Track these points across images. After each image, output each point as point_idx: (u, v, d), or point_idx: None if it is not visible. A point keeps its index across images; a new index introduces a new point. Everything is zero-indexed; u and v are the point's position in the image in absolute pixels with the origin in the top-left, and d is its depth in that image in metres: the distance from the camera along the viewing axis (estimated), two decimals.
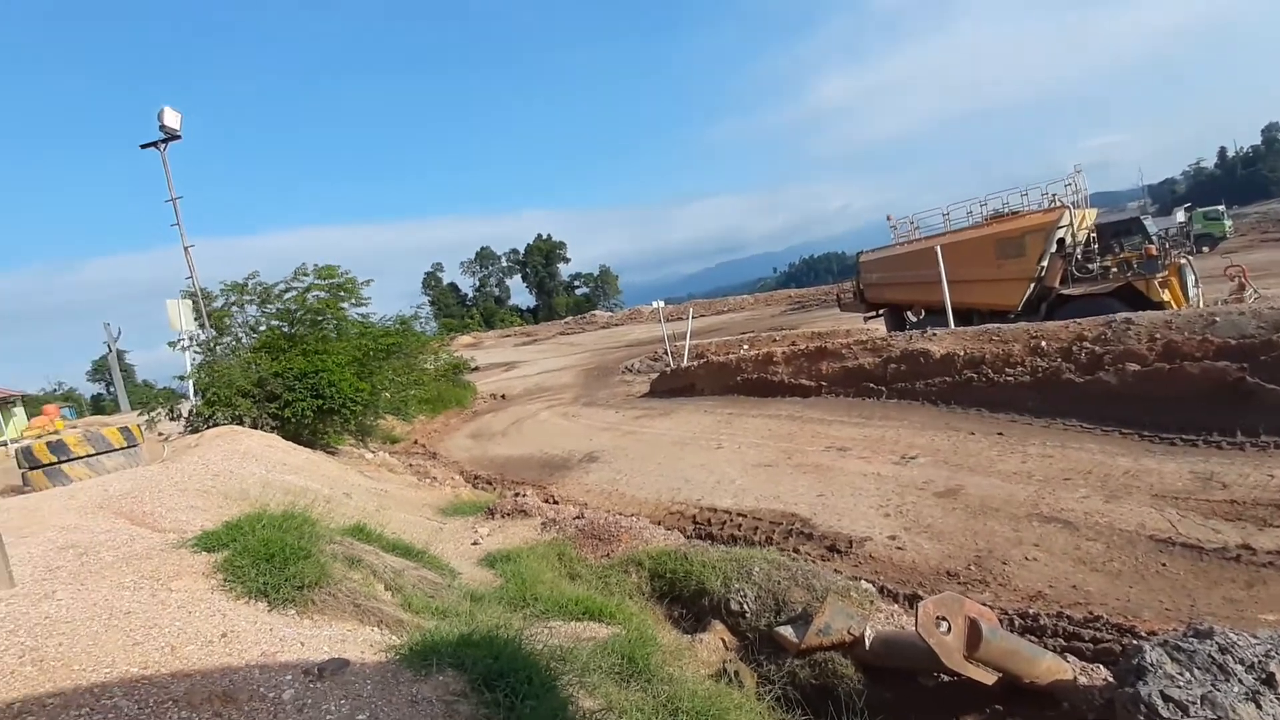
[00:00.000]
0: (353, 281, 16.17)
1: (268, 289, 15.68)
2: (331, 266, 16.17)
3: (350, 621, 3.98)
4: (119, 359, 44.67)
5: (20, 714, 2.30)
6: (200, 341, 15.34)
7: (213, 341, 15.37)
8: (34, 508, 6.10)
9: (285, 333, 15.20)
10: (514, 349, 51.59)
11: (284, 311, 15.53)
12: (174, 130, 16.61)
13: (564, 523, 7.98)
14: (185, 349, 15.33)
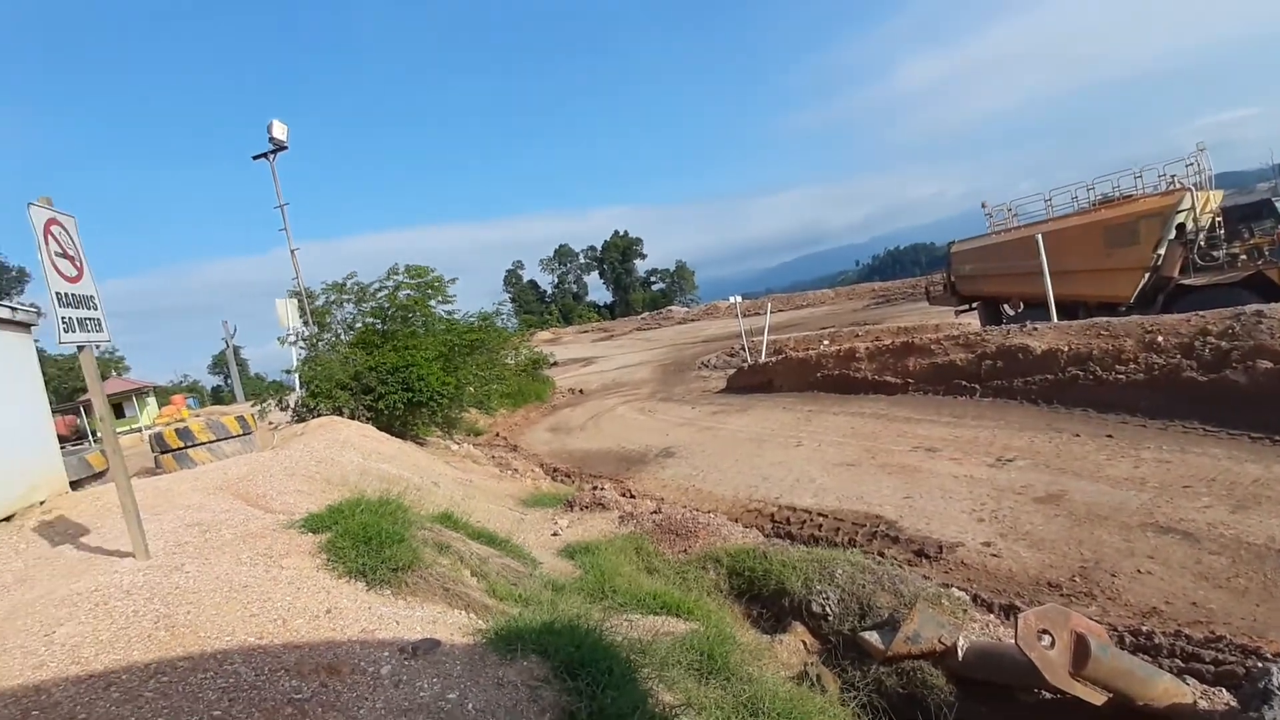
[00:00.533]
0: (440, 280, 16.92)
1: (363, 288, 16.67)
2: (421, 266, 17.00)
3: (440, 604, 4.15)
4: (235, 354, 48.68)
5: (155, 674, 2.54)
6: (304, 337, 16.53)
7: (315, 338, 16.51)
8: (165, 488, 6.72)
9: (379, 329, 16.10)
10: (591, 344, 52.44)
11: (378, 309, 16.46)
12: (281, 141, 17.95)
13: (641, 517, 8.02)
14: (292, 344, 16.57)
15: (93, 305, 4.29)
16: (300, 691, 2.46)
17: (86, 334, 4.13)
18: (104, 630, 2.96)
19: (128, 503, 4.17)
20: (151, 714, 2.25)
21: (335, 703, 2.43)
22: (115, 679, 2.50)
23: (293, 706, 2.36)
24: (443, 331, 16.41)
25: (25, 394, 7.23)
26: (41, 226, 4.02)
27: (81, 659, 2.69)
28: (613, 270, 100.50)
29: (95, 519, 5.79)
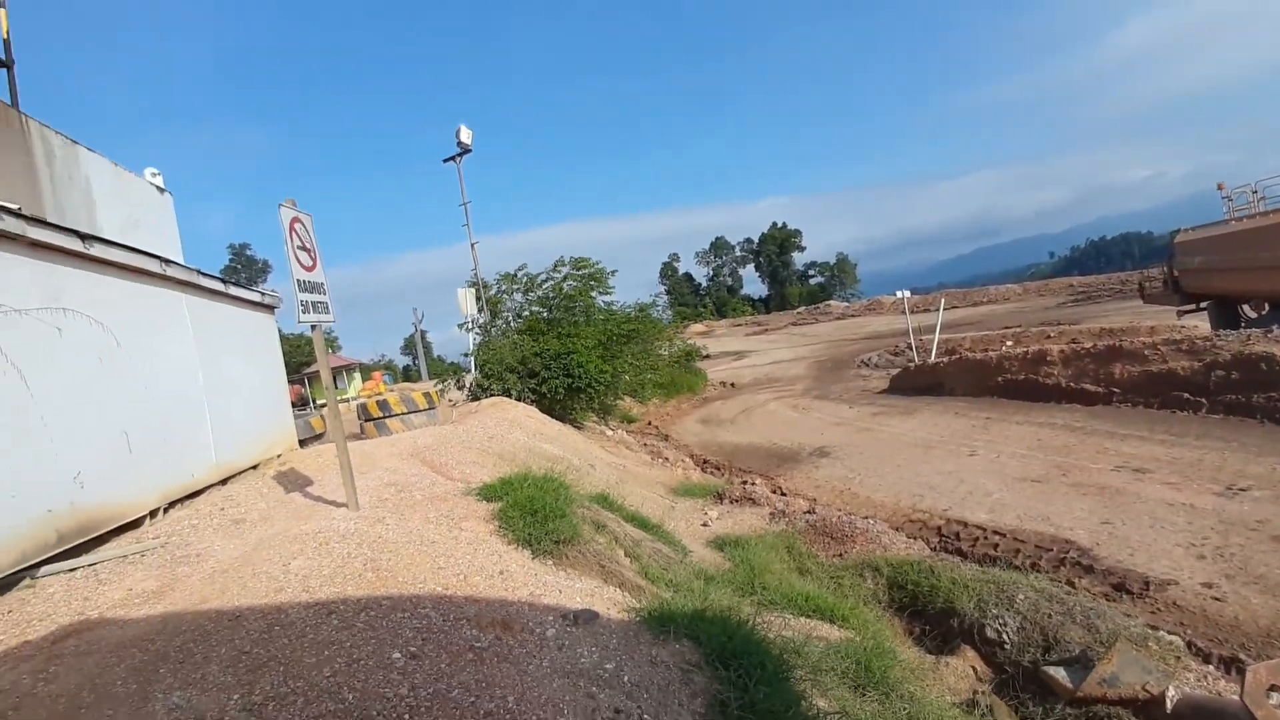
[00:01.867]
0: (602, 272, 17.70)
1: (532, 278, 17.92)
2: (584, 259, 17.91)
3: (596, 579, 4.35)
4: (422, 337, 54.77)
5: (365, 608, 2.94)
6: (480, 324, 18.14)
7: (488, 324, 18.05)
8: (368, 452, 7.71)
9: (544, 317, 17.23)
10: (744, 338, 51.84)
11: (544, 298, 17.63)
12: (467, 145, 19.72)
13: (793, 516, 7.81)
14: (469, 330, 18.26)
15: (323, 291, 5.03)
16: (479, 641, 2.71)
17: (318, 315, 4.86)
18: (326, 566, 3.47)
19: (345, 461, 4.85)
20: (363, 641, 2.61)
21: (508, 655, 2.65)
22: (335, 608, 2.93)
23: (473, 653, 2.61)
24: (602, 321, 17.15)
25: (271, 366, 8.69)
26: (287, 223, 4.78)
27: (310, 588, 3.19)
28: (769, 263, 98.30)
29: (316, 473, 6.80)
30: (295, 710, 2.18)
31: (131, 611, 3.23)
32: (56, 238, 4.73)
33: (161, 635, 2.80)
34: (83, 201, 6.94)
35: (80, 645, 2.84)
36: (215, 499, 6.07)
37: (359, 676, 2.38)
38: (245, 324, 7.99)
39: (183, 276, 6.50)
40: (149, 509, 5.32)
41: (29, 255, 4.48)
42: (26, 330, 4.29)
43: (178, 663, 2.53)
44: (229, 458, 6.87)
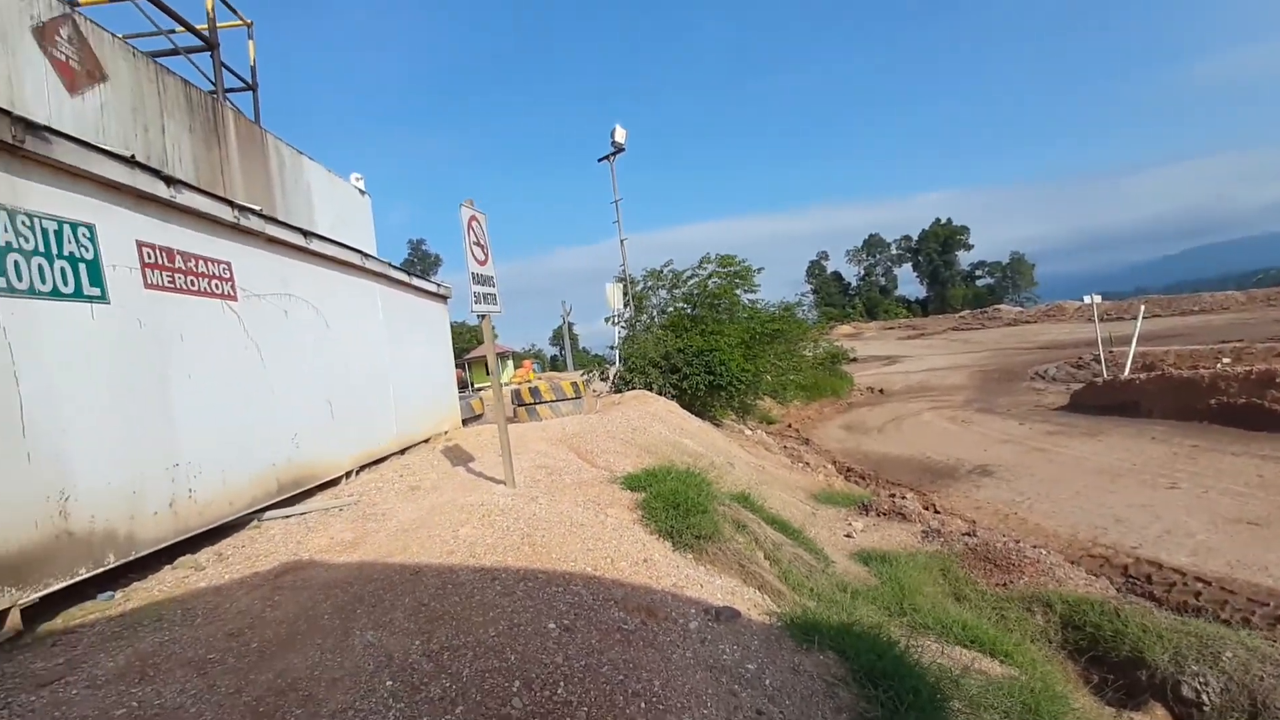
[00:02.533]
0: (747, 269, 17.50)
1: (677, 275, 18.14)
2: (730, 256, 17.80)
3: (735, 578, 4.33)
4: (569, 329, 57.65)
5: (523, 579, 3.16)
6: (625, 319, 18.70)
7: (634, 319, 18.54)
8: (521, 435, 8.24)
9: (688, 314, 17.37)
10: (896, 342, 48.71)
11: (688, 295, 17.77)
12: (620, 145, 20.38)
13: (950, 537, 7.23)
14: (615, 324, 18.89)
15: (492, 284, 5.46)
16: (626, 624, 2.82)
17: (488, 306, 5.29)
18: (489, 536, 3.78)
19: (505, 443, 5.24)
20: (522, 608, 2.82)
21: (653, 641, 2.72)
22: (497, 575, 3.18)
23: (620, 634, 2.71)
24: (745, 319, 16.96)
25: (443, 350, 9.60)
26: (465, 221, 5.24)
27: (476, 554, 3.49)
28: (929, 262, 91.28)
29: (477, 450, 7.40)
30: (466, 662, 2.41)
31: (334, 557, 3.74)
32: (286, 234, 5.58)
33: (357, 581, 3.22)
34: (304, 203, 8.10)
35: (296, 581, 3.34)
36: (395, 466, 6.84)
37: (519, 640, 2.57)
38: (424, 312, 8.89)
39: (377, 269, 7.38)
40: (345, 470, 6.12)
41: (266, 249, 5.32)
42: (262, 312, 5.11)
43: (371, 606, 2.89)
44: (407, 430, 7.70)
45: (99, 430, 3.48)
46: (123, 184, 3.79)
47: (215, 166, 6.38)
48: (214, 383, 4.43)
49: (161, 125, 5.67)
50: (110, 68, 5.13)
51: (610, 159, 20.58)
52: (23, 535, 2.99)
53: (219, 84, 6.98)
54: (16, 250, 3.14)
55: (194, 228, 4.46)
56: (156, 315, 3.98)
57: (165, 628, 2.88)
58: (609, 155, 20.58)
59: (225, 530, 4.48)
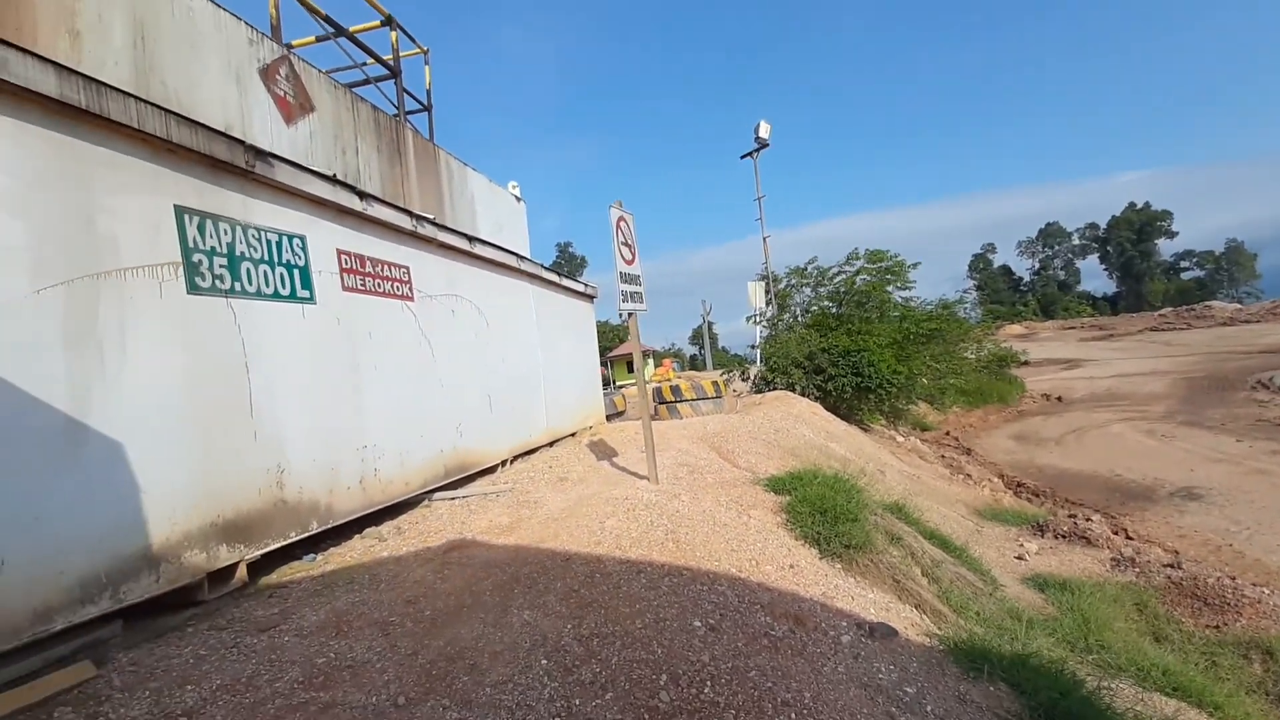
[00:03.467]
0: (900, 265, 16.40)
1: (823, 272, 17.43)
2: (881, 251, 16.78)
3: (889, 593, 4.05)
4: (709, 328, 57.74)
5: (668, 575, 3.18)
6: (767, 317, 18.30)
7: (776, 318, 18.09)
8: (662, 432, 8.33)
9: (834, 313, 16.63)
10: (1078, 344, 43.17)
11: (834, 293, 17.01)
12: (765, 140, 20.00)
13: (1147, 568, 6.26)
14: (756, 323, 18.56)
15: (639, 283, 5.57)
16: (773, 629, 2.73)
17: (635, 305, 5.40)
18: (633, 529, 3.85)
19: (649, 439, 5.33)
20: (667, 604, 2.83)
21: (802, 651, 2.61)
22: (643, 569, 3.23)
23: (768, 640, 2.64)
24: (897, 319, 15.91)
25: (589, 348, 9.99)
26: (614, 221, 5.39)
27: (621, 546, 3.57)
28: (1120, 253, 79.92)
29: (620, 445, 7.60)
30: (614, 650, 2.46)
31: (493, 539, 4.01)
32: (454, 239, 6.09)
33: (514, 562, 3.42)
34: (468, 210, 8.81)
35: (462, 558, 3.62)
36: (545, 457, 7.22)
37: (665, 634, 2.58)
38: (572, 311, 9.30)
39: (531, 270, 7.83)
40: (501, 459, 6.57)
41: (438, 253, 5.84)
42: (433, 311, 5.62)
43: (527, 587, 3.06)
44: (556, 424, 8.10)
45: (306, 413, 4.02)
46: (327, 200, 4.34)
47: (397, 181, 7.13)
48: (394, 375, 4.95)
49: (356, 147, 6.43)
50: (317, 100, 5.91)
51: (754, 155, 20.28)
52: (250, 501, 3.53)
53: (400, 107, 7.80)
54: (248, 259, 3.70)
55: (381, 236, 5.01)
56: (351, 314, 4.52)
57: (356, 590, 3.26)
58: (752, 151, 20.28)
59: (401, 507, 4.99)
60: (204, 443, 3.27)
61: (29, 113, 2.68)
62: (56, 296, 2.68)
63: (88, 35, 3.85)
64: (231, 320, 3.54)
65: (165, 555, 3.00)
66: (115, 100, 2.95)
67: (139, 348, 2.99)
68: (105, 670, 2.45)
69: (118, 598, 2.78)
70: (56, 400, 2.63)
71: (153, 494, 2.96)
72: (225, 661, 2.50)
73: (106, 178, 2.96)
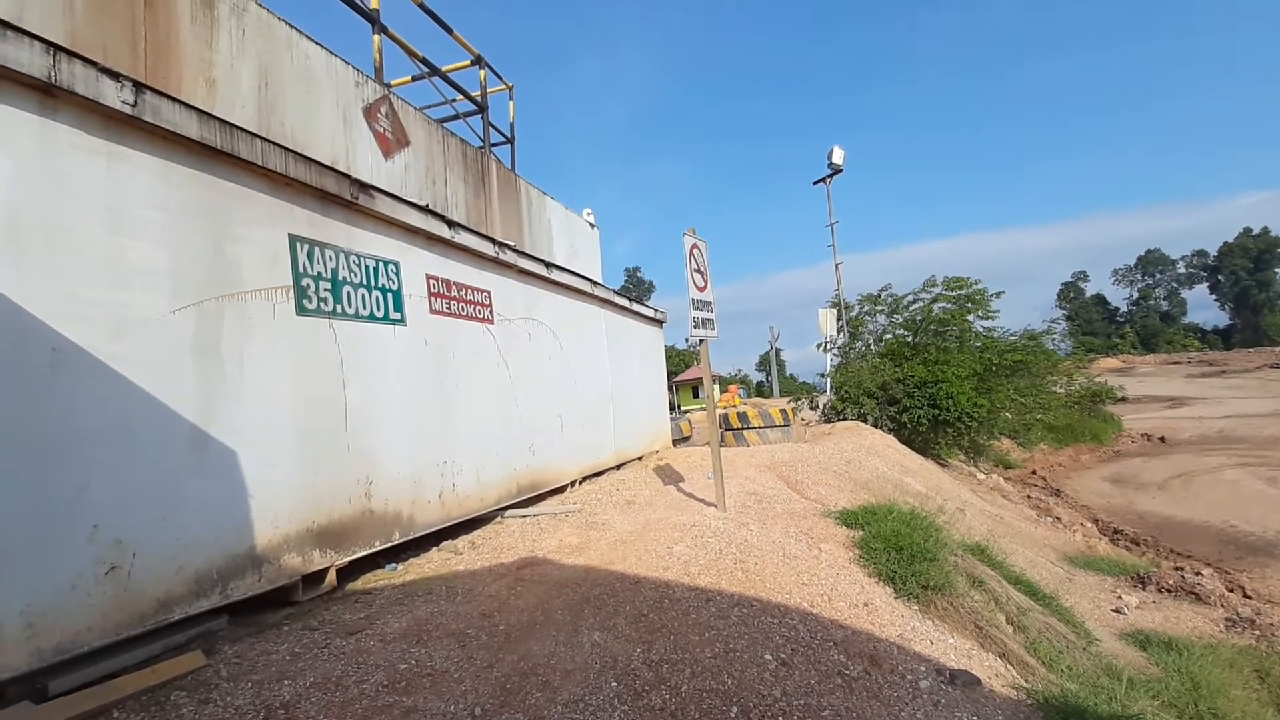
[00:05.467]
0: (982, 293, 15.70)
1: (897, 300, 16.90)
2: (961, 278, 16.12)
3: (970, 639, 3.85)
4: (776, 355, 56.82)
5: (737, 604, 3.16)
6: (839, 345, 17.87)
7: (848, 346, 17.64)
8: (729, 459, 8.25)
9: (909, 342, 16.05)
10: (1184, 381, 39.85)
11: (910, 321, 16.44)
12: (839, 166, 19.77)
13: (1269, 630, 5.67)
14: (827, 351, 18.16)
15: (710, 309, 5.61)
16: (847, 669, 2.66)
17: (707, 331, 5.44)
18: (702, 556, 3.84)
19: (717, 466, 5.32)
20: (737, 634, 2.81)
21: (878, 693, 2.53)
22: (711, 597, 3.22)
23: (841, 679, 2.57)
24: (979, 349, 15.20)
25: (657, 373, 10.07)
26: (687, 248, 5.47)
27: (690, 573, 3.57)
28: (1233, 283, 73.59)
29: (686, 471, 7.58)
30: (684, 678, 2.46)
31: (563, 558, 4.09)
32: (532, 265, 6.33)
33: (584, 583, 3.48)
34: (545, 237, 9.13)
35: (533, 575, 3.71)
36: (613, 480, 7.29)
37: (735, 665, 2.56)
38: (642, 336, 9.43)
39: (603, 295, 8.02)
40: (571, 479, 6.69)
41: (517, 279, 6.09)
42: (512, 334, 5.84)
43: (596, 608, 3.11)
44: (624, 446, 8.18)
45: (394, 428, 4.25)
46: (419, 228, 4.63)
47: (481, 210, 7.50)
48: (474, 394, 5.17)
49: (445, 178, 6.83)
50: (412, 135, 6.33)
51: (827, 181, 20.06)
52: (341, 510, 3.75)
53: (486, 140, 8.23)
54: (348, 283, 3.99)
55: (465, 262, 5.28)
56: (437, 335, 4.77)
57: (434, 600, 3.40)
58: (825, 177, 20.07)
59: (476, 523, 5.16)
60: (304, 453, 3.52)
61: (175, 153, 3.02)
62: (189, 316, 2.98)
63: (221, 83, 4.31)
64: (332, 339, 3.81)
65: (267, 556, 3.24)
66: (244, 140, 3.29)
67: (254, 363, 3.27)
68: (213, 660, 2.66)
69: (226, 593, 3.01)
70: (186, 410, 2.91)
71: (260, 498, 3.21)
72: (317, 660, 2.66)
73: (234, 210, 3.29)
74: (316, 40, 5.27)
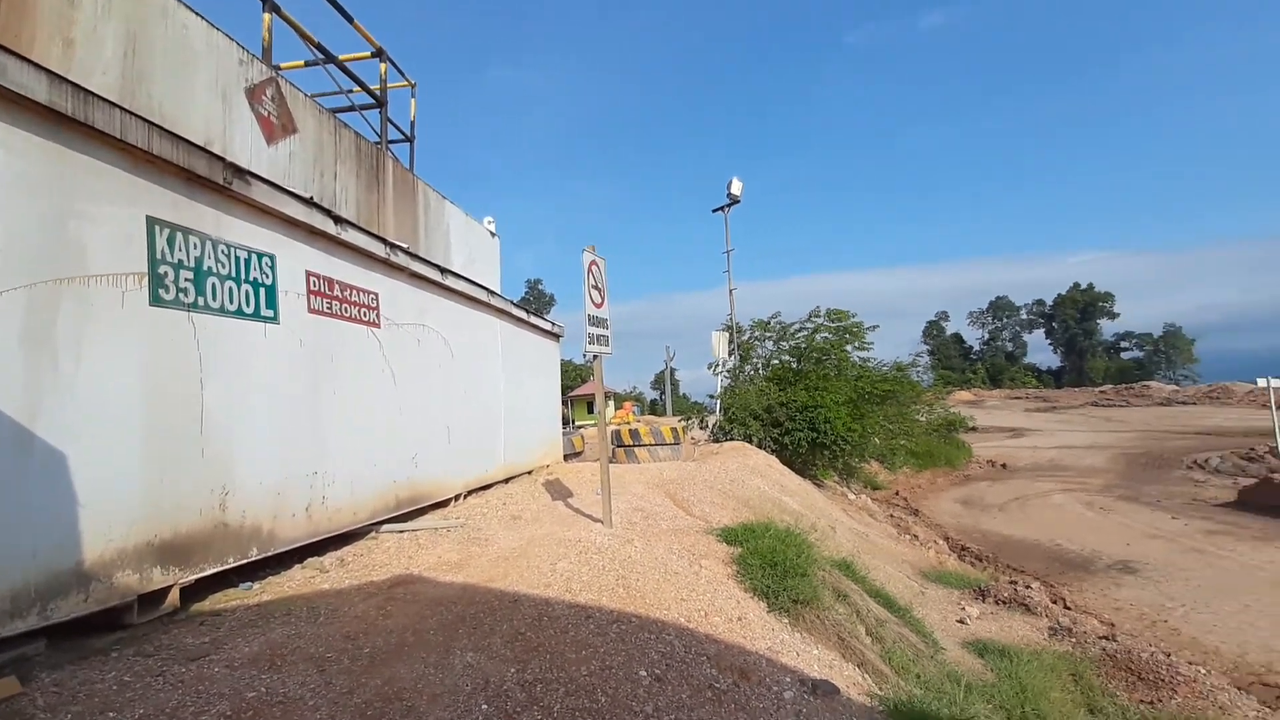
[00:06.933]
0: (859, 325, 16.94)
1: (785, 327, 17.86)
2: (842, 310, 17.32)
3: (833, 650, 4.09)
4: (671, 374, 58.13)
5: (616, 621, 3.17)
6: (729, 368, 18.57)
7: (738, 369, 18.38)
8: (619, 476, 8.30)
9: (794, 368, 16.99)
10: (1024, 414, 44.85)
11: (795, 348, 17.41)
12: (737, 197, 20.68)
13: (1083, 638, 6.45)
14: (718, 372, 18.81)
15: (606, 326, 5.67)
16: (718, 683, 2.74)
17: (601, 348, 5.48)
18: (585, 573, 3.83)
19: (605, 482, 5.34)
20: (614, 651, 2.82)
21: (745, 705, 2.63)
22: (592, 614, 3.22)
23: (712, 692, 2.64)
24: (854, 378, 16.33)
25: (551, 387, 9.98)
26: (586, 265, 5.51)
27: (572, 589, 3.55)
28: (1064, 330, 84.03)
29: (576, 486, 7.55)
30: (557, 698, 2.44)
31: (440, 575, 3.94)
32: (426, 270, 6.11)
33: (460, 601, 3.36)
34: (442, 242, 8.85)
35: (406, 594, 3.54)
36: (499, 494, 7.12)
37: (610, 683, 2.56)
38: (538, 349, 9.33)
39: (500, 305, 7.87)
40: (455, 493, 6.46)
41: (409, 283, 5.85)
42: (399, 340, 5.59)
43: (472, 628, 3.01)
44: (514, 460, 8.02)
45: (259, 434, 3.92)
46: (301, 221, 4.35)
47: (374, 208, 7.15)
48: (353, 401, 4.88)
49: (334, 171, 6.46)
50: (300, 122, 5.95)
51: (725, 210, 20.91)
52: (189, 522, 3.40)
53: (384, 136, 7.88)
54: (214, 274, 3.67)
55: (352, 261, 5.01)
56: (314, 337, 4.48)
57: (293, 622, 3.15)
58: (724, 206, 20.91)
59: (347, 538, 4.85)
60: (150, 458, 3.17)
61: (19, 117, 2.67)
62: (17, 299, 2.62)
63: (81, 44, 3.85)
64: (191, 334, 3.48)
65: (97, 574, 2.87)
66: (100, 109, 2.95)
67: (95, 356, 2.92)
68: (29, 689, 2.32)
69: (45, 614, 2.64)
70: (7, 405, 2.54)
71: (92, 508, 2.85)
72: (150, 690, 2.38)
73: (84, 185, 2.94)
74: (197, 11, 4.86)
